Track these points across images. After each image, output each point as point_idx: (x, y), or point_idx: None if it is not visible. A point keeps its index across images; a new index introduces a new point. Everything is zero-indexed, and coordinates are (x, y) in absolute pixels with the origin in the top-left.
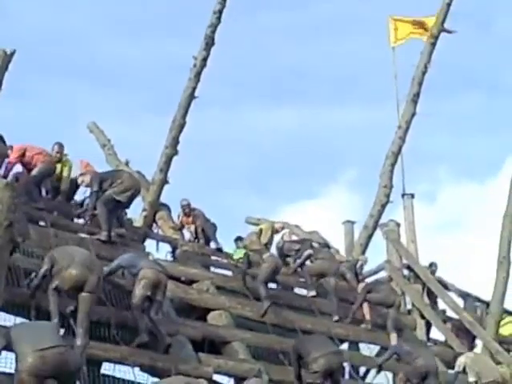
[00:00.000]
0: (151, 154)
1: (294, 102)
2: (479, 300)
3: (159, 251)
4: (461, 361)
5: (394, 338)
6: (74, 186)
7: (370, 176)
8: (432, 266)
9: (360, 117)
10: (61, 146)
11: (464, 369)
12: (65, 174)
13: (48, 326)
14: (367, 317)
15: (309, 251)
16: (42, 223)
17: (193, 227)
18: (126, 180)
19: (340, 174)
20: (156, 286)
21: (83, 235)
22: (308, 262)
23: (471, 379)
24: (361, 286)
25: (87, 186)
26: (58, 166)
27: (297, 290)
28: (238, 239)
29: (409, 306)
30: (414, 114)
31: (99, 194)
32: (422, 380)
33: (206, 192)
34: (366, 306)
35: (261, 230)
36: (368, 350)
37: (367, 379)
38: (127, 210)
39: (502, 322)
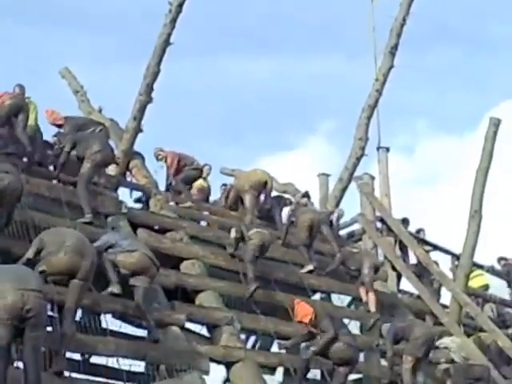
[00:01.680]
0: (125, 101)
1: (270, 52)
2: (450, 253)
3: (132, 198)
4: (445, 342)
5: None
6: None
7: (347, 128)
8: (404, 223)
9: (338, 68)
10: (22, 87)
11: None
12: (31, 116)
13: (30, 271)
14: (372, 308)
15: (289, 208)
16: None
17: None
18: (100, 154)
19: (317, 125)
20: (141, 271)
21: (55, 182)
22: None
23: (457, 359)
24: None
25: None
26: None
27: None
28: (224, 186)
29: (381, 258)
30: (391, 67)
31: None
32: (426, 350)
33: (180, 141)
34: (372, 297)
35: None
36: (339, 300)
37: None
38: None
39: (472, 275)
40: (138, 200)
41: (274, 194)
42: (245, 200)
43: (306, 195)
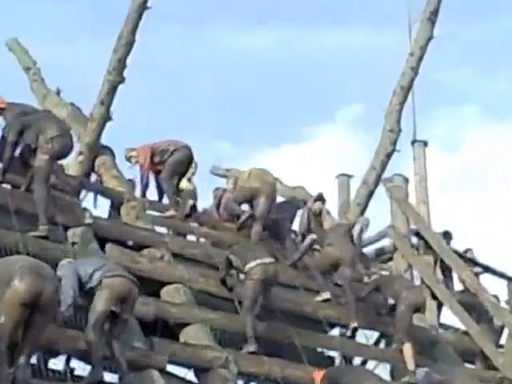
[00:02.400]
0: (90, 81)
1: (275, 20)
2: (506, 277)
3: (98, 207)
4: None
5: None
6: None
7: (374, 117)
8: (446, 237)
9: (361, 40)
10: None
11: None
12: None
13: None
14: (409, 366)
15: (310, 237)
16: None
17: None
18: (58, 141)
19: (336, 112)
20: (124, 299)
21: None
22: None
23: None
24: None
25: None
26: None
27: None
28: (217, 190)
29: (417, 283)
30: (430, 38)
31: (18, 145)
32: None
33: (160, 133)
34: (409, 351)
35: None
36: (364, 336)
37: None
38: None
39: None
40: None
41: (279, 199)
42: (257, 205)
43: (320, 198)
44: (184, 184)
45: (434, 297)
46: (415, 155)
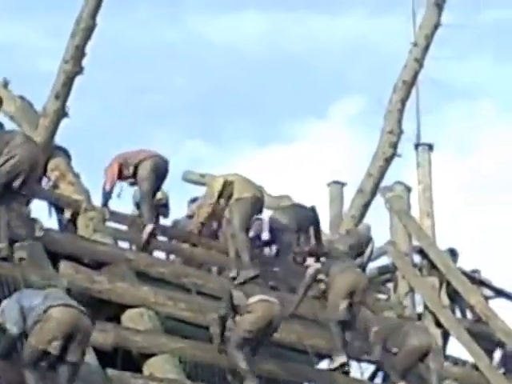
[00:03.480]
0: (43, 71)
1: (261, 4)
2: None
3: (52, 217)
4: None
5: None
6: None
7: (372, 115)
8: (452, 255)
9: (358, 27)
10: None
11: None
12: None
13: None
14: None
15: (313, 267)
16: None
17: None
18: (23, 148)
19: (329, 108)
20: (71, 334)
21: None
22: None
23: None
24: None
25: None
26: None
27: None
28: (194, 201)
29: (419, 309)
30: (437, 26)
31: None
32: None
33: (124, 131)
34: None
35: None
36: (359, 370)
37: None
38: None
39: None
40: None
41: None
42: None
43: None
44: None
45: (439, 324)
46: (419, 161)
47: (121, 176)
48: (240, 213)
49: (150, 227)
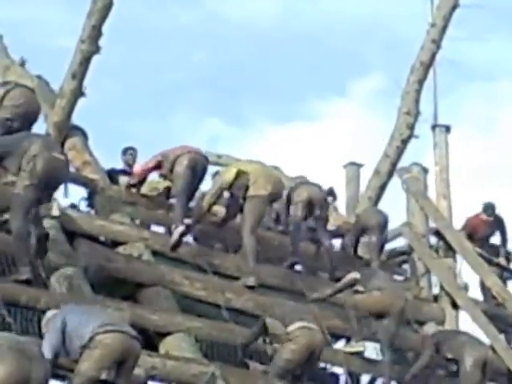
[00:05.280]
0: (59, 50)
1: None
2: None
3: (69, 196)
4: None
5: None
6: None
7: (388, 96)
8: (470, 238)
9: (376, 7)
10: None
11: None
12: None
13: None
14: None
15: (353, 275)
16: None
17: None
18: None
19: (347, 87)
20: (121, 362)
21: None
22: None
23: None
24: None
25: None
26: None
27: None
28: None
29: (435, 290)
30: (455, 6)
31: None
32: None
33: (141, 111)
34: None
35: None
36: (374, 350)
37: None
38: None
39: None
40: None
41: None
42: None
43: (330, 193)
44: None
45: (455, 306)
46: (436, 141)
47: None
48: (253, 214)
49: (180, 228)
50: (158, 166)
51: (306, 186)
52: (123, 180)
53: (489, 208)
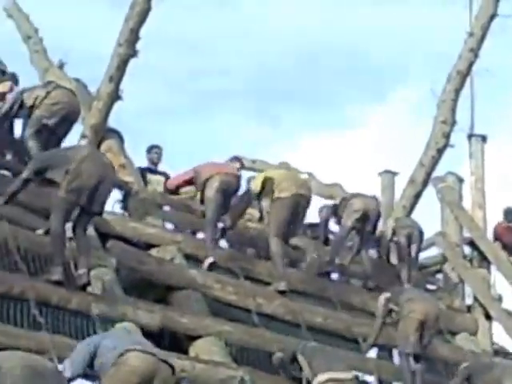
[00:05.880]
0: (97, 54)
1: None
2: None
3: None
4: None
5: None
6: None
7: (426, 105)
8: (505, 248)
9: (415, 15)
10: None
11: None
12: None
13: None
14: None
15: (383, 296)
16: None
17: None
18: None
19: (385, 96)
20: (147, 382)
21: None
22: None
23: None
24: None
25: None
26: None
27: None
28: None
29: (469, 301)
30: (493, 16)
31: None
32: None
33: (178, 114)
34: None
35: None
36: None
37: None
38: None
39: None
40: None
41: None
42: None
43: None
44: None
45: (488, 317)
46: (472, 151)
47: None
48: (276, 216)
49: (210, 260)
50: (190, 182)
51: (362, 197)
52: (152, 178)
53: (509, 214)
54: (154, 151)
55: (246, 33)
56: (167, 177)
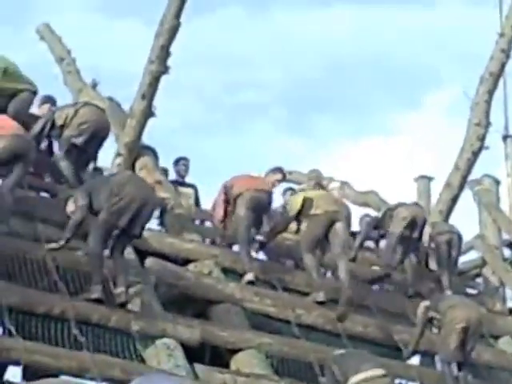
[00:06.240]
0: (129, 72)
1: (350, 2)
2: None
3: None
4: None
5: None
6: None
7: (458, 108)
8: None
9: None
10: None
11: None
12: None
13: None
14: None
15: (423, 304)
16: None
17: None
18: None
19: (417, 101)
20: None
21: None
22: None
23: None
24: None
25: None
26: None
27: None
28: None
29: (510, 303)
30: None
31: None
32: None
33: (213, 129)
34: None
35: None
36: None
37: None
38: None
39: None
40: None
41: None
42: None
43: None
44: None
45: None
46: (507, 152)
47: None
48: (308, 233)
49: (249, 277)
50: (226, 200)
51: (407, 206)
52: (183, 191)
53: None
54: (182, 163)
55: (277, 44)
56: (195, 189)
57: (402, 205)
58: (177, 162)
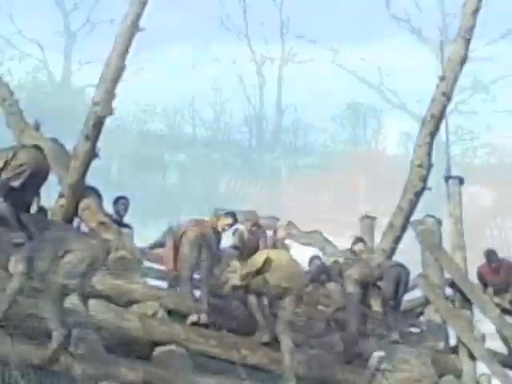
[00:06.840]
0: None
1: None
2: None
3: None
4: None
5: None
6: None
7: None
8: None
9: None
10: None
11: None
12: None
13: None
14: None
15: (376, 354)
16: None
17: None
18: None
19: None
20: None
21: None
22: None
23: None
24: None
25: None
26: None
27: None
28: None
29: (453, 341)
30: (464, 59)
31: None
32: None
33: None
34: None
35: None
36: None
37: None
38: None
39: None
40: None
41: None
42: None
43: (360, 240)
44: None
45: (472, 357)
46: (450, 192)
47: None
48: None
49: (203, 317)
50: (175, 247)
51: (397, 267)
52: (124, 231)
53: (490, 255)
54: (121, 202)
55: None
56: (131, 229)
57: (393, 266)
58: (116, 201)
